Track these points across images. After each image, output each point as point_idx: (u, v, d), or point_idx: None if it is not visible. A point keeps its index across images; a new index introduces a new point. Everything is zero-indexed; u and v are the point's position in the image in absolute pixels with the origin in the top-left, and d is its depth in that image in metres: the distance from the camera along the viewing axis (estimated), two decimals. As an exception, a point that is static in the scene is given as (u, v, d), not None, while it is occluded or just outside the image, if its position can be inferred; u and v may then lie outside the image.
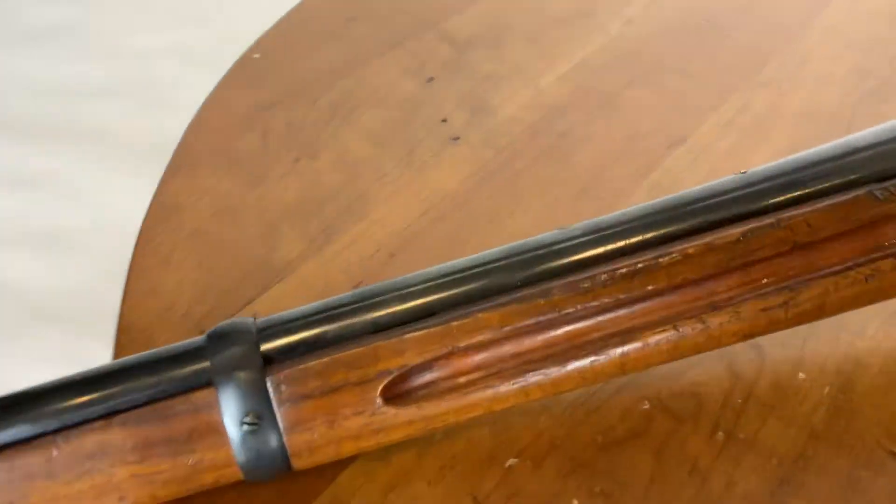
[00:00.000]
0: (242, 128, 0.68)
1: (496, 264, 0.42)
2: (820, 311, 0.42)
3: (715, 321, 0.42)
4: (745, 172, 0.44)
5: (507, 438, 0.43)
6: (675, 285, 0.41)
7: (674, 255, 0.41)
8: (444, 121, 0.67)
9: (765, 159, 0.45)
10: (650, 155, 0.65)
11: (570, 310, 0.41)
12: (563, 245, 0.42)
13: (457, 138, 0.66)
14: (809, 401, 0.45)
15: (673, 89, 0.71)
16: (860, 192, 0.43)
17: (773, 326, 0.42)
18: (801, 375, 0.47)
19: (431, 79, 0.74)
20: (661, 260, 0.41)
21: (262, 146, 0.66)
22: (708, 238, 0.41)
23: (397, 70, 0.76)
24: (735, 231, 0.42)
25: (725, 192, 0.43)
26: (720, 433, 0.43)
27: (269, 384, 0.38)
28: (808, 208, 0.42)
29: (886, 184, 0.43)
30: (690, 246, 0.41)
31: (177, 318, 0.52)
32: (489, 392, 0.41)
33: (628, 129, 0.67)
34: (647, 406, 0.45)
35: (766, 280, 0.42)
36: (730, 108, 0.70)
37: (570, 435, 0.44)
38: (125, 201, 0.65)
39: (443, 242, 0.56)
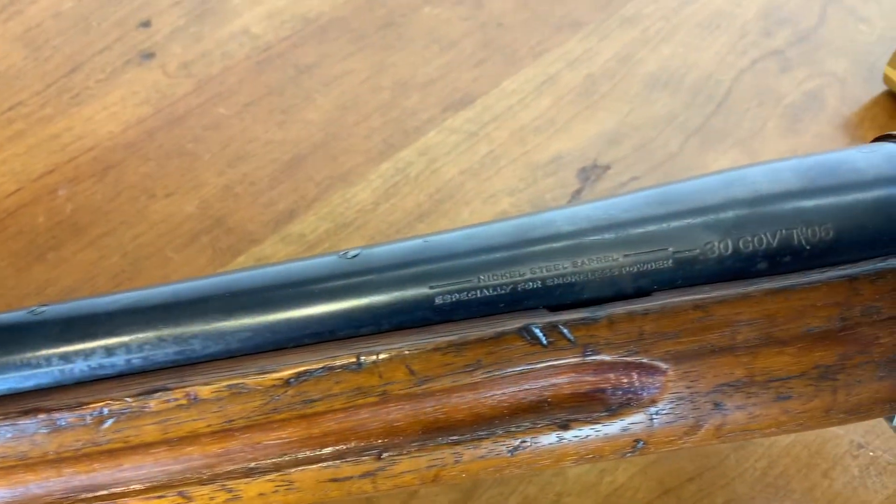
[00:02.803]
0: None
1: None
2: (435, 480, 0.29)
3: (251, 490, 0.29)
4: (355, 256, 0.30)
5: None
6: (182, 438, 0.28)
7: (174, 398, 0.27)
8: (146, 24, 0.50)
9: (578, 146, 0.29)
10: (414, 119, 0.49)
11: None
12: None
13: (151, 55, 0.49)
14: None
15: (493, 14, 0.53)
16: (511, 326, 0.28)
17: (354, 496, 0.29)
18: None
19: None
20: (148, 404, 0.27)
21: None
22: (237, 377, 0.27)
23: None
24: (285, 371, 0.27)
25: (301, 283, 0.29)
26: None
27: None
28: (419, 342, 0.28)
29: (559, 318, 0.28)
30: (193, 383, 0.27)
31: None
32: None
33: (403, 71, 0.50)
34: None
35: (333, 441, 0.28)
36: (561, 55, 0.53)
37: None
38: None
39: (42, 232, 0.42)
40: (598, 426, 0.29)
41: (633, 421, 0.29)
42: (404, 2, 0.53)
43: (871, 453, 0.39)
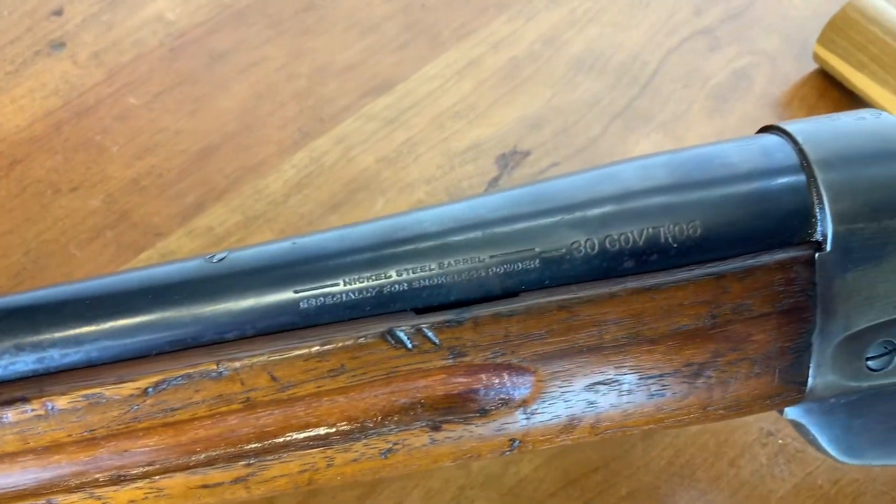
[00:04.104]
0: None
1: None
2: (310, 484, 0.29)
3: (120, 497, 0.29)
4: (221, 259, 0.29)
5: None
6: (45, 447, 0.28)
7: (32, 408, 0.27)
8: (58, 13, 0.50)
9: (499, 132, 0.29)
10: (330, 107, 0.48)
11: None
12: None
13: (61, 45, 0.49)
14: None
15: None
16: (375, 330, 0.28)
17: (231, 501, 0.29)
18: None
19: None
20: (6, 414, 0.27)
21: None
22: (95, 387, 0.27)
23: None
24: (142, 380, 0.27)
25: (163, 288, 0.28)
26: None
27: None
28: (281, 348, 0.28)
29: (423, 321, 0.28)
30: (51, 393, 0.27)
31: None
32: None
33: (322, 56, 0.50)
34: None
35: (202, 448, 0.28)
36: (485, 37, 0.52)
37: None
38: None
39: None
40: (471, 427, 0.29)
41: (507, 421, 0.29)
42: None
43: (780, 441, 0.39)
